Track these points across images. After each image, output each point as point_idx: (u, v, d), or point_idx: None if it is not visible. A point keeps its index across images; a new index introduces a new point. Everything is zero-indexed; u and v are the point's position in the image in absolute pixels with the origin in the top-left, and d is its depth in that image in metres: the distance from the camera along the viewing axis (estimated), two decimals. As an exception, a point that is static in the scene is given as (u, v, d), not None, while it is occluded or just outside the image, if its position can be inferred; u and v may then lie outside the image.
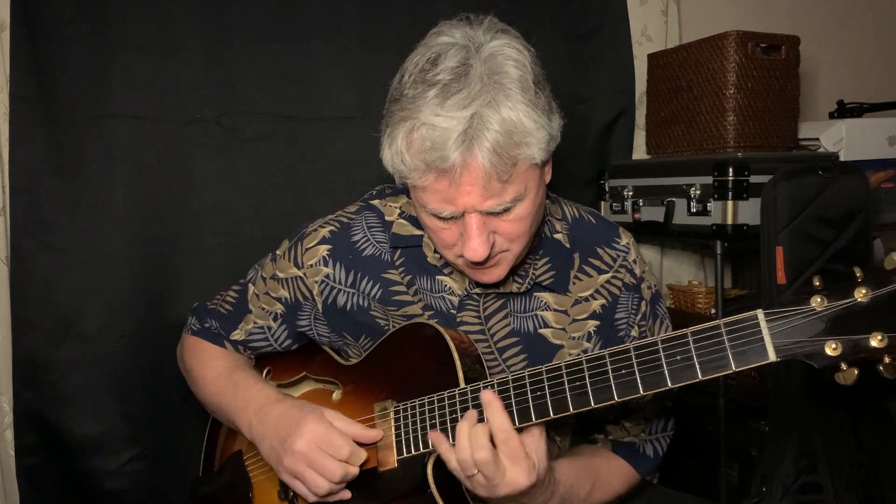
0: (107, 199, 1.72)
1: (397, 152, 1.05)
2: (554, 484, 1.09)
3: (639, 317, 1.26)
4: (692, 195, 1.75)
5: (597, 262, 1.25)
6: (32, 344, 1.69)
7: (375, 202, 1.30)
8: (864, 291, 0.82)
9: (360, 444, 1.15)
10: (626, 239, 1.29)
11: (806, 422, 1.55)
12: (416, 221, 1.24)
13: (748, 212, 1.67)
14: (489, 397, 1.02)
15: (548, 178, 1.15)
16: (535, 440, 1.03)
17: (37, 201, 1.68)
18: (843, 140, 1.89)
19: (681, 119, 1.91)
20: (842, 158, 1.87)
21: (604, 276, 1.25)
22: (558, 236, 1.26)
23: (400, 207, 1.28)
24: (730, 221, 1.68)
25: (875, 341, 0.81)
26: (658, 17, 2.09)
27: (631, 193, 1.95)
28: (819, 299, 0.84)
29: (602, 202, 2.06)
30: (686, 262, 2.22)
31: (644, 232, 1.95)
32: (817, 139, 1.93)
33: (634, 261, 1.27)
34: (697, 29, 2.12)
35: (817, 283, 0.86)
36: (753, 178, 1.67)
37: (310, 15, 1.81)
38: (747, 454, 1.74)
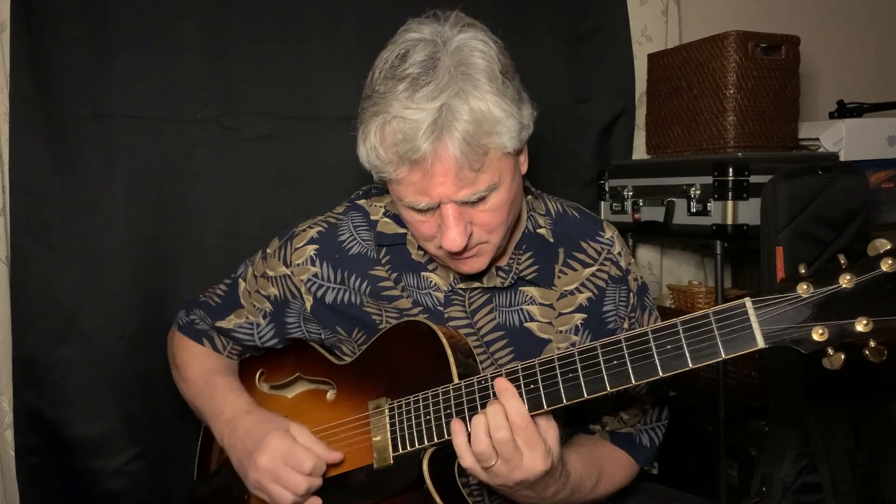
0: (107, 199, 1.72)
1: (371, 147, 1.08)
2: (566, 475, 1.09)
3: (629, 308, 1.27)
4: (692, 195, 1.75)
5: (581, 256, 1.27)
6: (32, 344, 1.69)
7: (361, 202, 1.33)
8: (848, 277, 0.84)
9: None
10: (610, 232, 1.30)
11: (806, 422, 1.55)
12: (399, 220, 1.26)
13: (748, 212, 1.67)
14: (503, 384, 1.02)
15: (524, 168, 1.17)
16: (551, 425, 1.03)
17: (37, 201, 1.68)
18: (843, 140, 1.89)
19: (681, 119, 1.91)
20: (842, 158, 1.87)
21: (589, 270, 1.26)
22: (542, 231, 1.27)
23: (384, 206, 1.30)
24: (730, 221, 1.68)
25: (861, 326, 0.83)
26: (658, 17, 2.09)
27: (631, 193, 1.95)
28: (805, 286, 0.86)
29: (602, 202, 2.06)
30: (686, 262, 2.22)
31: (644, 232, 1.95)
32: (817, 139, 1.93)
33: (619, 253, 1.29)
34: (697, 29, 2.12)
35: (803, 271, 0.88)
36: (753, 178, 1.67)
37: (310, 15, 1.81)
38: (747, 454, 1.74)
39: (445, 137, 1.01)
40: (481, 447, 0.99)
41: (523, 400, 1.01)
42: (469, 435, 1.02)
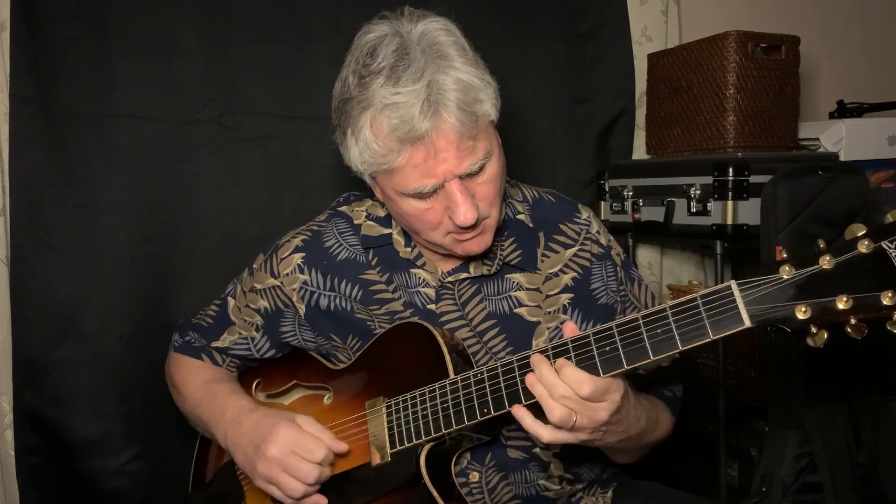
0: (107, 199, 1.72)
1: (366, 144, 1.09)
2: (630, 391, 1.08)
3: (618, 283, 1.30)
4: (692, 195, 1.75)
5: (562, 238, 1.29)
6: (32, 344, 1.69)
7: (343, 209, 1.34)
8: (828, 259, 0.88)
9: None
10: (586, 213, 1.34)
11: (806, 422, 1.55)
12: (383, 221, 1.29)
13: (748, 212, 1.67)
14: (537, 357, 1.01)
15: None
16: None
17: (37, 201, 1.68)
18: (843, 140, 1.90)
19: (681, 119, 1.91)
20: (842, 158, 1.87)
21: (570, 251, 1.29)
22: (521, 217, 1.30)
23: (366, 210, 1.32)
24: (730, 221, 1.68)
25: (841, 303, 0.86)
26: (658, 17, 2.09)
27: (631, 193, 1.95)
28: (787, 268, 0.90)
29: (602, 202, 2.05)
30: (686, 262, 2.22)
31: (644, 232, 1.95)
32: (817, 139, 1.93)
33: (598, 231, 1.32)
34: (697, 29, 2.12)
35: (785, 255, 0.92)
36: (753, 178, 1.67)
37: (310, 15, 1.81)
38: (747, 454, 1.74)
39: (441, 111, 1.04)
40: (559, 413, 0.98)
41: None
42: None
